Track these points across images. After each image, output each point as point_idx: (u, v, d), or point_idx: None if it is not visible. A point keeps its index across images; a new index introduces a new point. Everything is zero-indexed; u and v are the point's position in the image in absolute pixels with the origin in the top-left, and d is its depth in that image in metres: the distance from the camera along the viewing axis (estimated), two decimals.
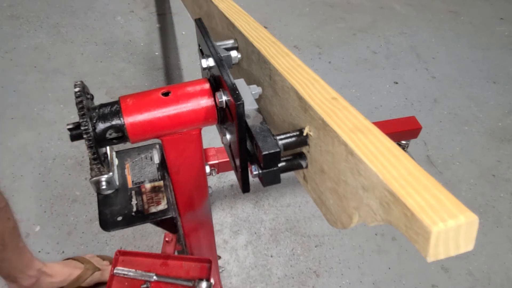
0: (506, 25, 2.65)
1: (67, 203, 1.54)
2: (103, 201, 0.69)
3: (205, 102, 0.60)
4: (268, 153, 0.48)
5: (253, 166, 0.53)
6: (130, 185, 0.72)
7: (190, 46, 2.32)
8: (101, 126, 0.57)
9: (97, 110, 0.58)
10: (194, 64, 2.21)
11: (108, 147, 0.72)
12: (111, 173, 0.68)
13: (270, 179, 0.52)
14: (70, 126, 0.56)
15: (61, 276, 1.06)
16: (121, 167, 0.75)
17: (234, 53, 0.68)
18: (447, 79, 2.22)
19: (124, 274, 0.76)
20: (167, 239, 1.04)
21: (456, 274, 1.41)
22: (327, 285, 1.36)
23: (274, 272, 1.39)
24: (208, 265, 0.78)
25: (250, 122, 0.53)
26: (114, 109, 0.58)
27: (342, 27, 2.57)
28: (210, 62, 0.61)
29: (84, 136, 0.55)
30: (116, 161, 0.76)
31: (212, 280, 0.75)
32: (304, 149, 0.53)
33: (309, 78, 0.53)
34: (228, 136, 0.60)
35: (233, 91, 0.52)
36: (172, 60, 2.23)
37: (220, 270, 1.38)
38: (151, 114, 0.58)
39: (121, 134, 0.58)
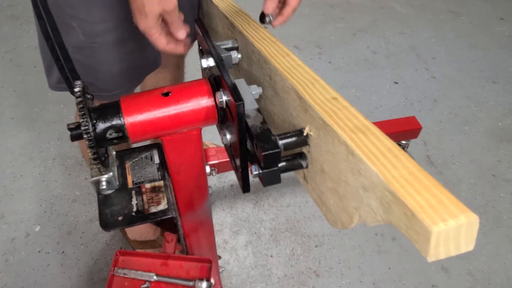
0: (506, 25, 2.64)
1: (67, 203, 1.54)
2: (104, 201, 0.69)
3: (205, 102, 0.60)
4: (268, 153, 0.48)
5: (253, 166, 0.53)
6: (130, 185, 0.72)
7: None
8: (101, 126, 0.57)
9: (97, 110, 0.58)
10: (194, 64, 2.21)
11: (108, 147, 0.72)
12: (111, 173, 0.68)
13: (270, 179, 0.52)
14: (71, 126, 0.56)
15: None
16: (121, 167, 0.75)
17: (234, 53, 0.68)
18: (447, 79, 2.22)
19: (124, 274, 0.76)
20: (167, 239, 1.04)
21: (456, 274, 1.41)
22: (327, 285, 1.36)
23: (274, 272, 1.39)
24: (208, 265, 0.78)
25: (250, 122, 0.53)
26: (114, 109, 0.58)
27: (342, 27, 2.57)
28: (210, 62, 0.61)
29: (85, 136, 0.55)
30: (116, 161, 0.76)
31: (212, 280, 0.75)
32: (305, 149, 0.53)
33: (310, 78, 0.53)
34: (228, 136, 0.60)
35: (234, 91, 0.52)
36: None
37: (220, 270, 1.38)
38: (151, 114, 0.58)
39: (121, 134, 0.58)
